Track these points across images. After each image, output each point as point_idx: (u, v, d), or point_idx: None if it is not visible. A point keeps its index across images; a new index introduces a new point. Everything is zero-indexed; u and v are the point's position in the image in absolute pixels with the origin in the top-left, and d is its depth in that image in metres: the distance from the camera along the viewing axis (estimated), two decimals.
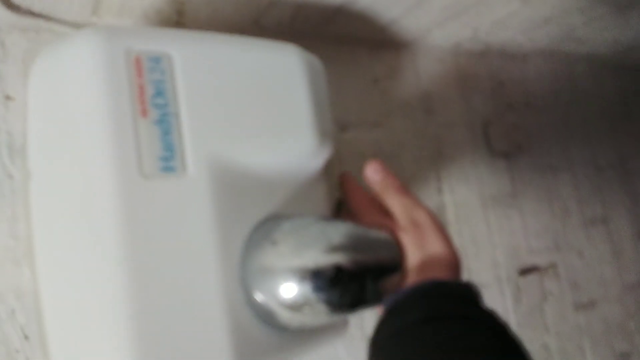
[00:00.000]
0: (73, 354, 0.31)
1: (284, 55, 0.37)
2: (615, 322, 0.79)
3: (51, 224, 0.32)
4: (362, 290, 0.33)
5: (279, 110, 0.35)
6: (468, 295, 0.35)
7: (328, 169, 0.45)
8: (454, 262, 0.37)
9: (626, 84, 0.95)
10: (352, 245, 0.33)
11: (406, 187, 0.41)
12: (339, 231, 0.34)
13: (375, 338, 0.34)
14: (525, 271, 0.69)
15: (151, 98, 0.30)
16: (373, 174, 0.41)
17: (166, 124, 0.30)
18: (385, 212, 0.40)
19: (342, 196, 0.44)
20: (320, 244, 0.33)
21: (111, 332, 0.28)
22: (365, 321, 0.51)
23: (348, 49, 0.57)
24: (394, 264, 0.35)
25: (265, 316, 0.33)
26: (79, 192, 0.30)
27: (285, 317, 0.33)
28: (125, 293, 0.28)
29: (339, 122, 0.55)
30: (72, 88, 0.30)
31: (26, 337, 0.34)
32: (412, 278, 0.36)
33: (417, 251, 0.36)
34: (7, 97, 0.37)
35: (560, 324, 0.71)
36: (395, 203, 0.39)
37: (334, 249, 0.33)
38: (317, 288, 0.32)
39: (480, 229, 0.65)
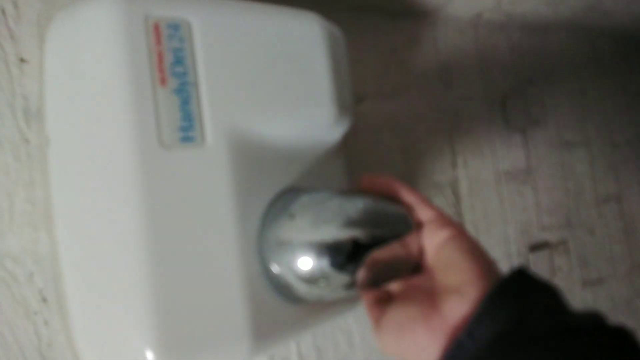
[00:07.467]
0: (93, 317, 0.32)
1: (304, 24, 0.35)
2: (622, 299, 0.79)
3: (71, 190, 0.32)
4: None
5: (299, 81, 0.34)
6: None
7: (344, 142, 0.44)
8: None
9: None
10: (369, 220, 0.33)
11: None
12: (357, 206, 0.34)
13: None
14: (535, 247, 0.69)
15: (170, 66, 0.29)
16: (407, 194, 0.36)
17: (185, 93, 0.30)
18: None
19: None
20: (337, 219, 0.32)
21: (130, 299, 0.29)
22: None
23: (366, 17, 0.55)
24: None
25: (281, 288, 0.33)
26: (99, 160, 0.29)
27: (302, 289, 0.33)
28: (145, 261, 0.28)
29: (354, 93, 0.54)
30: (90, 55, 0.29)
31: (44, 300, 0.34)
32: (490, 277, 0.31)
33: (477, 247, 0.32)
34: (22, 60, 0.36)
35: (568, 299, 0.72)
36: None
37: (352, 223, 0.32)
38: (334, 262, 0.32)
39: (493, 205, 0.64)
